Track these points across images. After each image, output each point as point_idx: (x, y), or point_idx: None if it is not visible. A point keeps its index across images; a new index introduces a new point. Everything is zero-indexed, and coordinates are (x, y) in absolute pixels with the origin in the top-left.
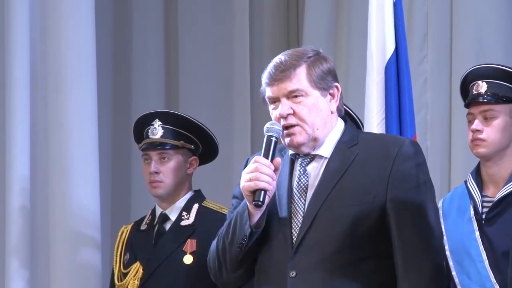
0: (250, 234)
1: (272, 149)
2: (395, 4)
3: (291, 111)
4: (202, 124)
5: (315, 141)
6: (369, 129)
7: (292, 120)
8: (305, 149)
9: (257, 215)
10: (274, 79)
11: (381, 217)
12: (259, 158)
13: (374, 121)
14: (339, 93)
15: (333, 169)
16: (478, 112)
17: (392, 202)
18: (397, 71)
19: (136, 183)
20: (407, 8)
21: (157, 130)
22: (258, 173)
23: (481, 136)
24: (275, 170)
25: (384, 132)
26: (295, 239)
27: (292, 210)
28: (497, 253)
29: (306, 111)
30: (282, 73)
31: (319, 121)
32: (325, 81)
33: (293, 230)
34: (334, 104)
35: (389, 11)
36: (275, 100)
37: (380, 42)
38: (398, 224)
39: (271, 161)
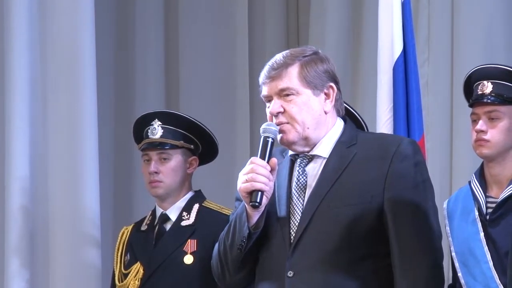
0: (249, 235)
1: (269, 150)
2: (403, 4)
3: (282, 110)
4: (202, 124)
5: (307, 140)
6: (377, 128)
7: (282, 119)
8: (297, 148)
9: (255, 216)
10: (267, 78)
11: (378, 216)
12: (255, 159)
13: (382, 120)
14: (335, 94)
15: (331, 169)
16: (483, 112)
17: (389, 201)
18: (405, 71)
19: (138, 182)
20: None
21: (156, 130)
22: (254, 174)
23: (485, 137)
24: (272, 171)
25: (392, 132)
26: (293, 238)
27: (291, 210)
28: (500, 254)
29: (296, 110)
30: (274, 71)
31: (310, 120)
32: (319, 80)
33: (291, 230)
34: (329, 104)
35: (397, 11)
36: (269, 98)
37: (388, 42)
38: (396, 223)
39: (268, 161)
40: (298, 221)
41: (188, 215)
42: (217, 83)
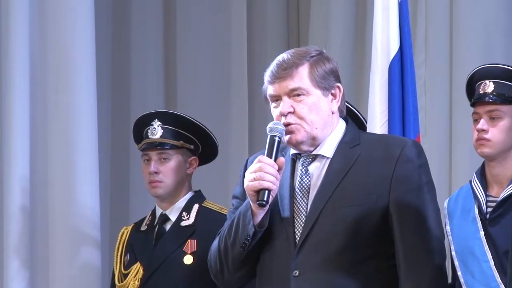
0: (254, 233)
1: (276, 149)
2: (400, 4)
3: (292, 110)
4: (202, 124)
5: (314, 140)
6: (372, 129)
7: (291, 119)
8: (304, 147)
9: (260, 214)
10: (276, 77)
11: (383, 217)
12: (263, 157)
13: (377, 122)
14: (341, 94)
15: (335, 169)
16: (484, 111)
17: (394, 203)
18: (401, 71)
19: (135, 182)
20: None
21: (156, 130)
22: (262, 172)
23: (486, 136)
24: (279, 170)
25: (387, 132)
26: (298, 238)
27: (295, 210)
28: (499, 253)
29: (307, 110)
30: (284, 71)
31: (319, 120)
32: (327, 81)
33: (296, 230)
34: (335, 105)
35: (394, 11)
36: (277, 98)
37: (385, 42)
38: (401, 225)
39: (275, 160)
40: (304, 221)
41: (188, 215)
42: (215, 84)
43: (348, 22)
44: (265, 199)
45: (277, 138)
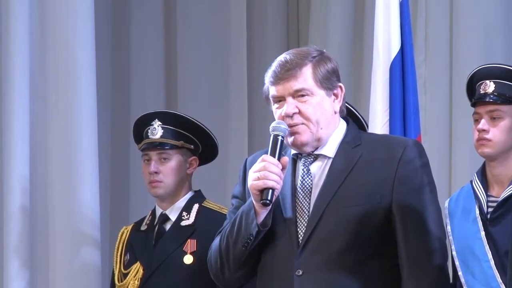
0: (257, 233)
1: (279, 148)
2: (401, 4)
3: (297, 110)
4: (202, 124)
5: (319, 141)
6: (374, 128)
7: (297, 119)
8: (308, 149)
9: (263, 214)
10: (280, 78)
11: (386, 217)
12: (267, 157)
13: (379, 121)
14: (343, 94)
15: (338, 169)
16: (485, 112)
17: (397, 203)
18: (402, 71)
19: (135, 182)
20: None
21: (156, 130)
22: (267, 172)
23: (487, 136)
24: (282, 169)
25: (388, 131)
26: (301, 238)
27: (297, 210)
28: (500, 253)
29: (312, 110)
30: (288, 72)
31: (323, 120)
32: (330, 81)
33: (298, 229)
34: (337, 104)
35: (395, 11)
36: (280, 99)
37: (386, 42)
38: (403, 226)
39: (278, 159)
40: (307, 221)
41: (188, 215)
42: (215, 84)
43: (347, 22)
44: (269, 198)
45: (280, 138)
